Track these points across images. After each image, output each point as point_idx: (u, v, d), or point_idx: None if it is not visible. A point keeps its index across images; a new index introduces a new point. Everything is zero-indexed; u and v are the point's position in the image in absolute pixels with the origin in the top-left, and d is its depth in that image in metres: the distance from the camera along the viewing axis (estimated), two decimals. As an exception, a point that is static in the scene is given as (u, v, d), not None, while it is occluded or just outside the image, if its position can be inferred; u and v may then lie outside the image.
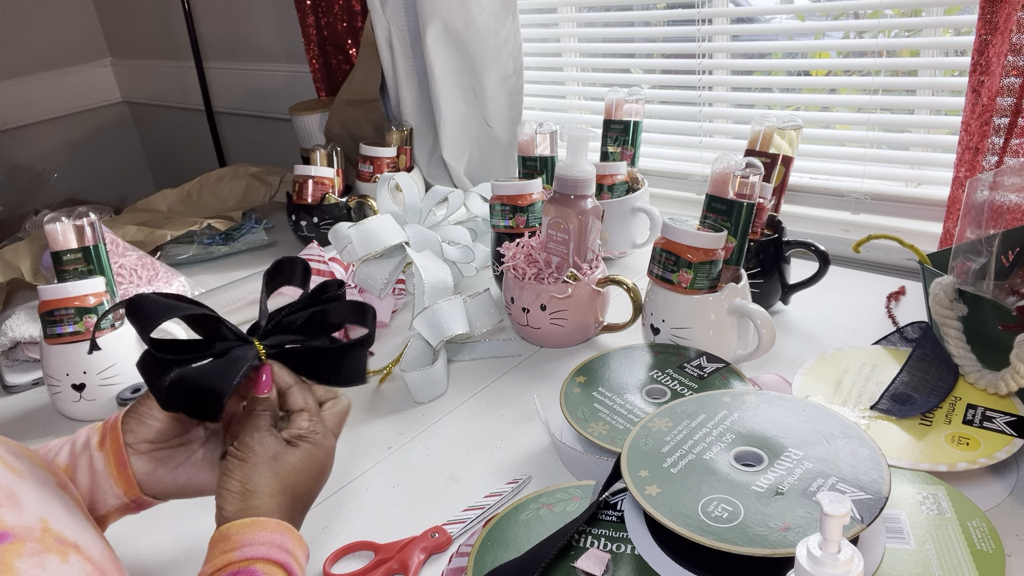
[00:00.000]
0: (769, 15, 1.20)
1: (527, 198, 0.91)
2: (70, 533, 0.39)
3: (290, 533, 0.47)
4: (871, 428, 0.61)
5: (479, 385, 0.80)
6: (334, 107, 1.36)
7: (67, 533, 0.38)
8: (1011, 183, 0.65)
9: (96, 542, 0.41)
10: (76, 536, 0.39)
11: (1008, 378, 0.60)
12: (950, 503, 0.52)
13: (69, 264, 0.80)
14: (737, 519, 0.47)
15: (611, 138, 1.08)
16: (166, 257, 1.21)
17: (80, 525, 0.41)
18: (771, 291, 0.86)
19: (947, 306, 0.66)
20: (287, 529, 0.47)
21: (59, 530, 0.38)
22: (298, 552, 0.47)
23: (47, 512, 0.39)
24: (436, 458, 0.69)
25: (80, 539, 0.39)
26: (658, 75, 1.22)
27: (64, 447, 0.52)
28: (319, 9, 1.40)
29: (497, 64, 1.21)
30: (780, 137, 0.91)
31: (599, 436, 0.62)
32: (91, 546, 0.40)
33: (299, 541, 0.47)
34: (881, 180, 1.01)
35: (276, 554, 0.45)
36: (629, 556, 0.51)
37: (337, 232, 0.92)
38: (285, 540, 0.46)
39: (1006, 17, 0.74)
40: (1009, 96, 0.75)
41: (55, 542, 0.37)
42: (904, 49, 0.96)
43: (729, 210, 0.75)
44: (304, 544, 0.48)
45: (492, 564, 0.51)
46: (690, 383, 0.68)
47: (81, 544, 0.39)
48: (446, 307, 0.81)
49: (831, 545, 0.35)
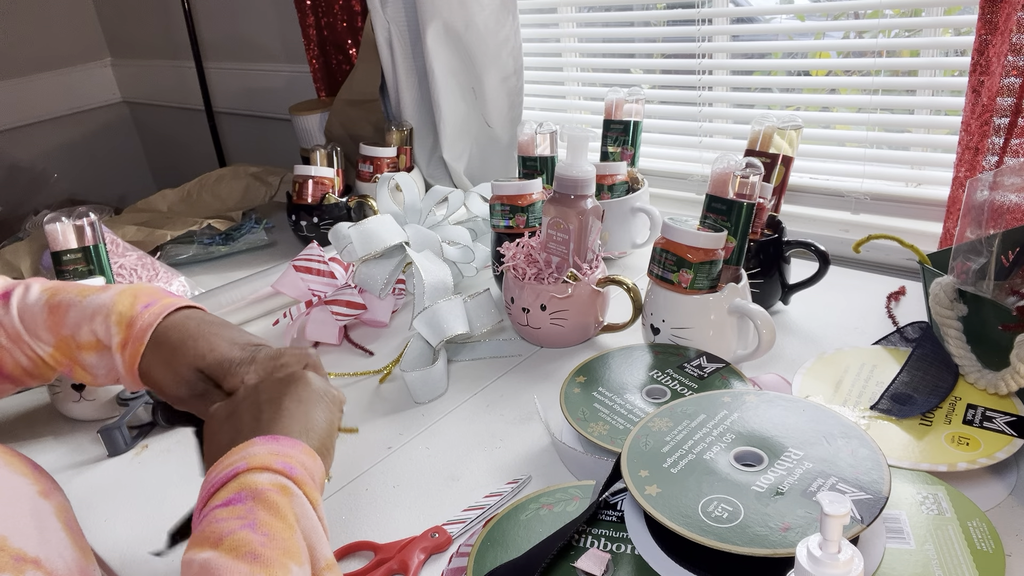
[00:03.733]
0: (769, 15, 1.20)
1: (527, 198, 0.91)
2: (32, 548, 0.39)
3: (264, 443, 0.44)
4: (871, 428, 0.61)
5: (479, 385, 0.80)
6: (334, 107, 1.36)
7: (28, 548, 0.39)
8: (1011, 183, 0.65)
9: (66, 551, 0.42)
10: (39, 550, 0.39)
11: (1008, 378, 0.60)
12: (950, 503, 0.52)
13: (69, 264, 0.80)
14: (737, 519, 0.47)
15: (611, 138, 1.08)
16: (166, 257, 1.21)
17: (50, 537, 0.41)
18: (771, 291, 0.86)
19: (947, 306, 0.66)
20: (264, 440, 0.44)
21: (19, 546, 0.38)
22: (288, 449, 0.44)
23: (7, 529, 0.39)
24: (436, 458, 0.69)
25: (43, 553, 0.39)
26: (658, 75, 1.22)
27: (98, 323, 0.54)
28: (319, 9, 1.40)
29: (497, 64, 1.21)
30: (780, 137, 0.91)
31: (599, 436, 0.62)
32: (55, 558, 0.40)
33: (283, 444, 0.45)
34: (881, 180, 1.01)
35: (274, 462, 0.43)
36: (629, 556, 0.51)
37: (337, 232, 0.92)
38: (266, 446, 0.44)
39: (1006, 17, 0.74)
40: (1009, 96, 0.75)
41: (10, 559, 0.37)
42: (904, 49, 0.96)
43: (729, 210, 0.75)
44: (305, 448, 0.45)
45: (492, 564, 0.51)
46: (690, 383, 0.68)
47: (43, 558, 0.39)
48: (446, 307, 0.81)
49: (831, 545, 0.35)
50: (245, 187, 1.38)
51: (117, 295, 0.55)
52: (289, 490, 0.42)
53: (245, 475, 0.42)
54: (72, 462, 0.75)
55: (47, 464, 0.54)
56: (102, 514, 0.67)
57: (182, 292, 1.04)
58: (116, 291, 0.56)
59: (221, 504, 0.41)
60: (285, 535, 0.40)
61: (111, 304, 0.54)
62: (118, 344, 0.53)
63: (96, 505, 0.68)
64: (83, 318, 0.54)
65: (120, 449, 0.75)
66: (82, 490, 0.71)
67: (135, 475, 0.72)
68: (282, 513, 0.41)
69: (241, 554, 0.38)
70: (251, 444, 0.44)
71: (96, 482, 0.72)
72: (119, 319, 0.54)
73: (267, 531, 0.39)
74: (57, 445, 0.78)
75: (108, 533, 0.65)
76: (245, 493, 0.41)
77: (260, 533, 0.39)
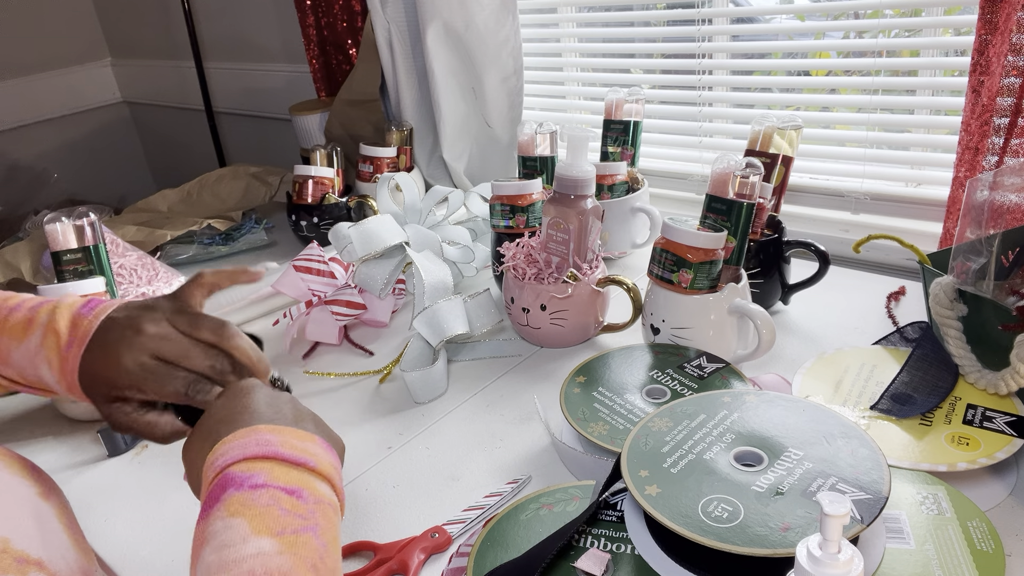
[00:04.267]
0: (769, 15, 1.20)
1: (527, 198, 0.91)
2: (35, 550, 0.39)
3: (259, 432, 0.43)
4: (871, 428, 0.61)
5: (479, 385, 0.80)
6: (334, 107, 1.36)
7: (31, 550, 0.39)
8: (1011, 183, 0.65)
9: (68, 552, 0.42)
10: (41, 552, 0.39)
11: (1008, 378, 0.60)
12: (950, 503, 0.52)
13: (69, 264, 0.80)
14: (737, 519, 0.47)
15: (611, 138, 1.08)
16: (166, 257, 1.21)
17: (52, 539, 0.41)
18: (771, 291, 0.86)
19: (947, 306, 0.66)
20: (253, 431, 0.43)
21: (21, 548, 0.38)
22: (287, 437, 0.43)
23: (9, 530, 0.39)
24: (436, 458, 0.69)
25: (46, 554, 0.39)
26: (658, 75, 1.22)
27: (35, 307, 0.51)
28: (319, 9, 1.40)
29: (497, 64, 1.21)
30: (780, 137, 0.91)
31: (599, 436, 0.62)
32: (57, 559, 0.40)
33: (280, 432, 0.43)
34: (881, 180, 1.01)
35: (254, 449, 0.42)
36: (629, 556, 0.51)
37: (337, 232, 0.92)
38: (256, 437, 0.43)
39: (1006, 17, 0.74)
40: (1009, 96, 0.75)
41: (13, 562, 0.37)
42: (904, 49, 0.96)
43: (729, 210, 0.75)
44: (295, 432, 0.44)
45: (492, 564, 0.51)
46: (690, 383, 0.68)
47: (45, 559, 0.39)
48: (446, 307, 0.81)
49: (831, 545, 0.35)
50: (245, 187, 1.38)
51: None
52: (338, 514, 0.43)
53: (311, 476, 0.42)
54: (72, 462, 0.75)
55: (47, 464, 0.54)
56: (102, 514, 0.67)
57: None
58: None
59: (283, 488, 0.40)
60: (335, 554, 0.40)
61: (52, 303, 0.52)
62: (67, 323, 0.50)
63: (96, 505, 0.68)
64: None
65: (120, 449, 0.75)
66: (82, 490, 0.71)
67: (135, 475, 0.72)
68: (334, 533, 0.41)
69: (303, 561, 0.37)
70: (312, 440, 0.44)
71: (96, 482, 0.72)
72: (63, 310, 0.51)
73: (325, 542, 0.39)
74: (57, 445, 0.78)
75: (108, 533, 0.65)
76: (310, 494, 0.41)
77: (320, 542, 0.39)
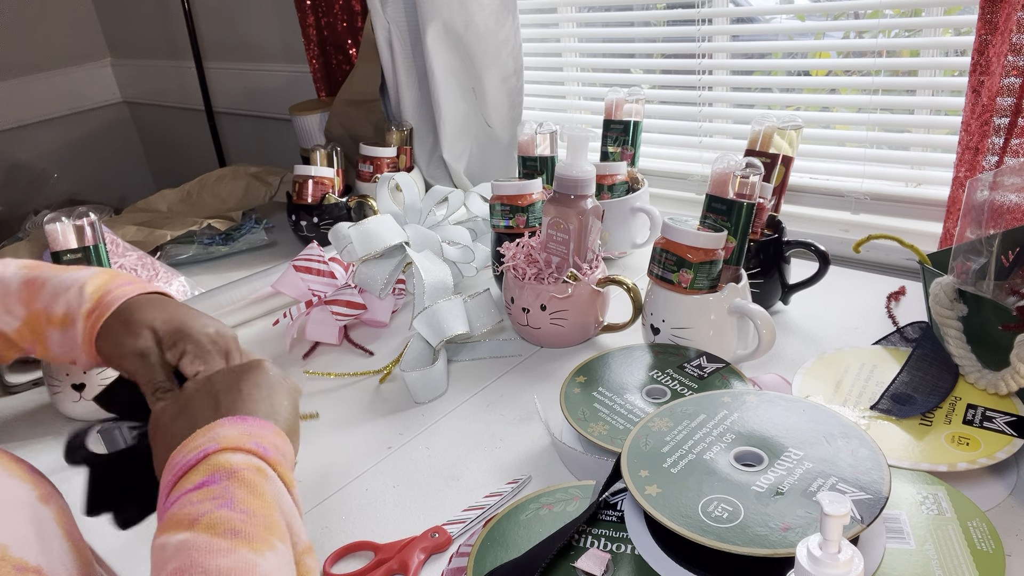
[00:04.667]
0: (769, 15, 1.20)
1: (527, 198, 0.91)
2: (33, 557, 0.38)
3: (172, 459, 0.42)
4: (871, 428, 0.61)
5: (479, 385, 0.80)
6: (334, 107, 1.36)
7: (29, 557, 0.38)
8: (1011, 183, 0.65)
9: (67, 558, 0.41)
10: (40, 559, 0.38)
11: (1008, 378, 0.60)
12: (950, 503, 0.52)
13: (69, 264, 0.80)
14: (737, 519, 0.47)
15: (611, 138, 1.08)
16: (166, 257, 1.21)
17: (51, 545, 0.40)
18: (771, 291, 0.86)
19: (947, 306, 0.66)
20: (171, 459, 0.42)
21: (20, 556, 0.37)
22: (188, 443, 0.42)
23: (8, 537, 0.38)
24: (436, 458, 0.69)
25: (45, 561, 0.39)
26: (658, 75, 1.22)
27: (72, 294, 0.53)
28: (319, 9, 1.40)
29: (497, 64, 1.21)
30: (780, 137, 0.91)
31: (599, 436, 0.62)
32: (57, 566, 0.39)
33: (183, 446, 0.42)
34: (881, 180, 1.01)
35: (169, 478, 0.41)
36: (629, 556, 0.51)
37: (337, 232, 0.92)
38: (170, 464, 0.41)
39: (1006, 17, 0.74)
40: (1009, 96, 0.75)
41: (12, 569, 0.37)
42: (904, 49, 0.96)
43: (729, 210, 0.75)
44: (276, 429, 0.44)
45: (492, 564, 0.51)
46: (690, 383, 0.68)
47: (44, 567, 0.38)
48: (446, 307, 0.81)
49: (831, 545, 0.35)
50: (245, 187, 1.38)
51: (96, 272, 0.55)
52: (264, 472, 0.41)
53: (217, 455, 0.40)
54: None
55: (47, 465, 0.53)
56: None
57: (182, 292, 1.04)
58: (96, 270, 0.56)
59: (194, 487, 0.39)
60: (265, 512, 0.38)
61: (87, 277, 0.54)
62: (85, 312, 0.52)
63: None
64: (59, 290, 0.54)
65: (120, 448, 0.75)
66: (82, 490, 0.70)
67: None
68: (259, 492, 0.39)
69: (220, 531, 0.36)
70: (218, 425, 0.43)
71: (96, 482, 0.71)
72: (95, 291, 0.53)
73: (246, 508, 0.38)
74: (57, 445, 0.77)
75: (108, 533, 0.65)
76: (219, 474, 0.39)
77: (238, 511, 0.38)
